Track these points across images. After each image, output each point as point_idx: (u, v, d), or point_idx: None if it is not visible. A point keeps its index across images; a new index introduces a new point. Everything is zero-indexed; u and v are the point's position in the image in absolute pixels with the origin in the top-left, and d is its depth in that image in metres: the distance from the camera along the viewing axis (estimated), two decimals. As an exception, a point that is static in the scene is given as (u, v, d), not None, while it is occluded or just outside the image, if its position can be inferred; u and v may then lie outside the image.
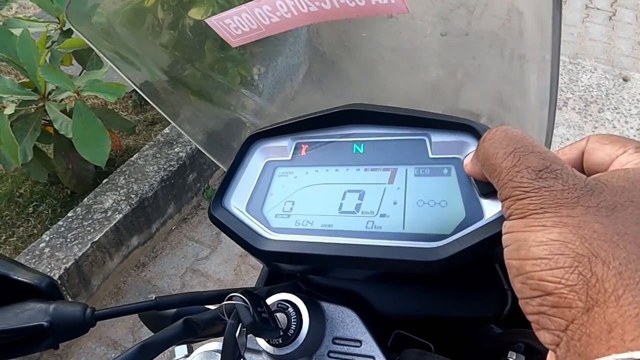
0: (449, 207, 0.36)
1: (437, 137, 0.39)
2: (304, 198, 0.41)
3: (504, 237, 0.26)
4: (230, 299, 0.36)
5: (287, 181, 0.43)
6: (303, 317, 0.39)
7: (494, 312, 0.40)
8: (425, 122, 0.39)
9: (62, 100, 1.73)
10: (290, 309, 0.39)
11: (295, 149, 0.44)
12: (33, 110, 1.67)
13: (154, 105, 0.53)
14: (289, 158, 0.44)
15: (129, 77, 0.50)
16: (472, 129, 0.37)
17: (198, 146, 0.58)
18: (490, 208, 0.34)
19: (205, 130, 0.61)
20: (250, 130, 0.55)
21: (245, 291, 0.37)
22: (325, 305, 0.42)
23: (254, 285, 0.53)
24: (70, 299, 1.61)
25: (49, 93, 1.68)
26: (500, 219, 0.33)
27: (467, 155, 0.36)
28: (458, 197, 0.36)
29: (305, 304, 0.40)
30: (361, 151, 0.42)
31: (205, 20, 0.37)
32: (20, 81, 1.68)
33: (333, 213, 0.40)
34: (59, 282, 1.51)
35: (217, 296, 0.43)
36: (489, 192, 0.34)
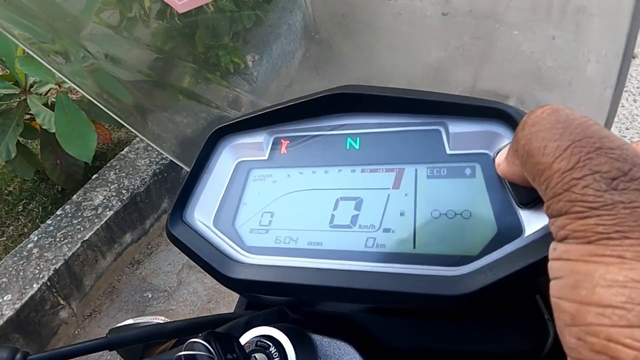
0: (475, 220, 0.27)
1: (457, 127, 0.30)
2: (285, 208, 0.33)
3: (552, 265, 0.18)
4: (190, 345, 0.28)
5: (264, 187, 0.34)
6: (289, 357, 0.31)
7: (531, 347, 0.32)
8: (441, 107, 0.30)
9: (46, 93, 1.64)
10: (272, 348, 0.32)
11: (273, 145, 0.35)
12: (15, 104, 1.58)
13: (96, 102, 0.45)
14: (266, 157, 0.35)
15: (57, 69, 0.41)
16: (505, 115, 0.28)
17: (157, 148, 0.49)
18: (533, 221, 0.25)
19: (174, 134, 0.53)
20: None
21: (210, 334, 0.29)
22: (318, 339, 0.34)
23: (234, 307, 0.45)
24: (62, 301, 1.54)
25: (31, 86, 1.60)
26: (547, 237, 0.24)
27: (499, 151, 0.27)
28: (487, 206, 0.27)
29: (292, 340, 0.32)
30: (357, 147, 0.33)
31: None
32: (0, 74, 1.60)
33: (323, 227, 0.31)
34: (49, 283, 1.44)
35: (185, 328, 0.36)
36: (532, 200, 0.25)
